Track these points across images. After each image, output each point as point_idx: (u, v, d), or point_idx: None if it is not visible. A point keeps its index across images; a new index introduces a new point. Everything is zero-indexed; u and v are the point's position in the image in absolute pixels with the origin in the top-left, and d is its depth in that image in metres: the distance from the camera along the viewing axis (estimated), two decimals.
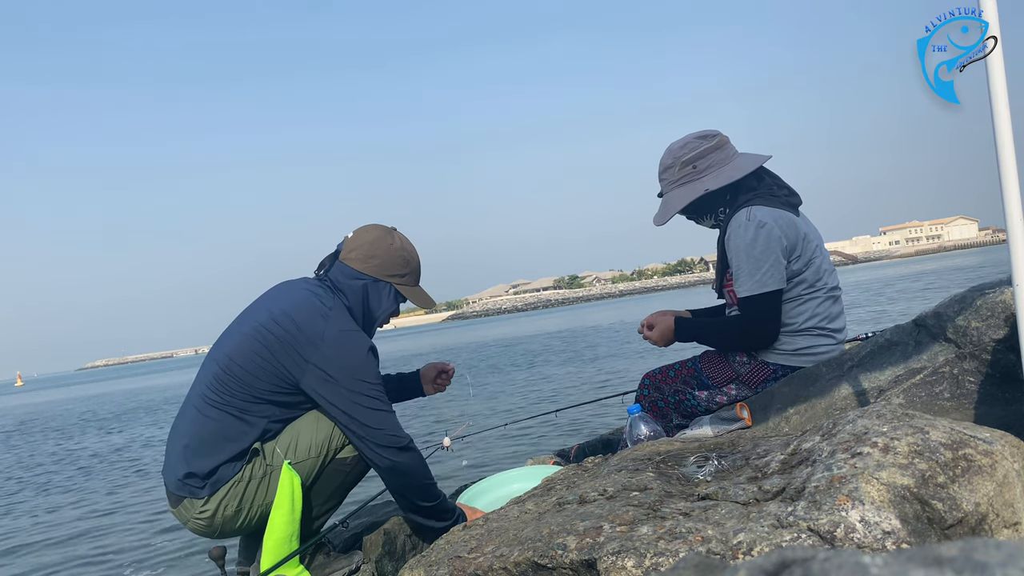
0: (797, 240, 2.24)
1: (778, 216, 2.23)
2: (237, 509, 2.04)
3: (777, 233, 2.20)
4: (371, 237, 2.23)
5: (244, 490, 2.04)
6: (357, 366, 2.04)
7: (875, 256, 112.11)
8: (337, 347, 2.03)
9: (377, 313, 2.24)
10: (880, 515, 1.08)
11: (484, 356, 18.21)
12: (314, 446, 2.08)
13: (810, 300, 2.28)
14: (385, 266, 2.21)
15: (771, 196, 2.30)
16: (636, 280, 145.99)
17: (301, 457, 2.06)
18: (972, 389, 1.79)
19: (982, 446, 1.22)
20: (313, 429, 2.09)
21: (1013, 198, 1.32)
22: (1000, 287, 1.90)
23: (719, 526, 1.17)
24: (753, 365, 2.33)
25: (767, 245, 2.18)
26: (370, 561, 2.21)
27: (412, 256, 2.29)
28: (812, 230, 2.36)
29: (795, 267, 2.26)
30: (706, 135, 2.40)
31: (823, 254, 2.35)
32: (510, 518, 1.55)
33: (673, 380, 2.50)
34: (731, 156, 2.37)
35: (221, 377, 2.06)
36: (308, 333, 2.03)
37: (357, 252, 2.20)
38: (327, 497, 2.17)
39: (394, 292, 2.25)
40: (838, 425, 1.37)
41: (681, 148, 2.39)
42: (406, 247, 2.28)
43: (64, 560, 4.36)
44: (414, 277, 2.31)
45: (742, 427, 2.16)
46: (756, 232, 2.19)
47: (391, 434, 2.05)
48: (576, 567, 1.21)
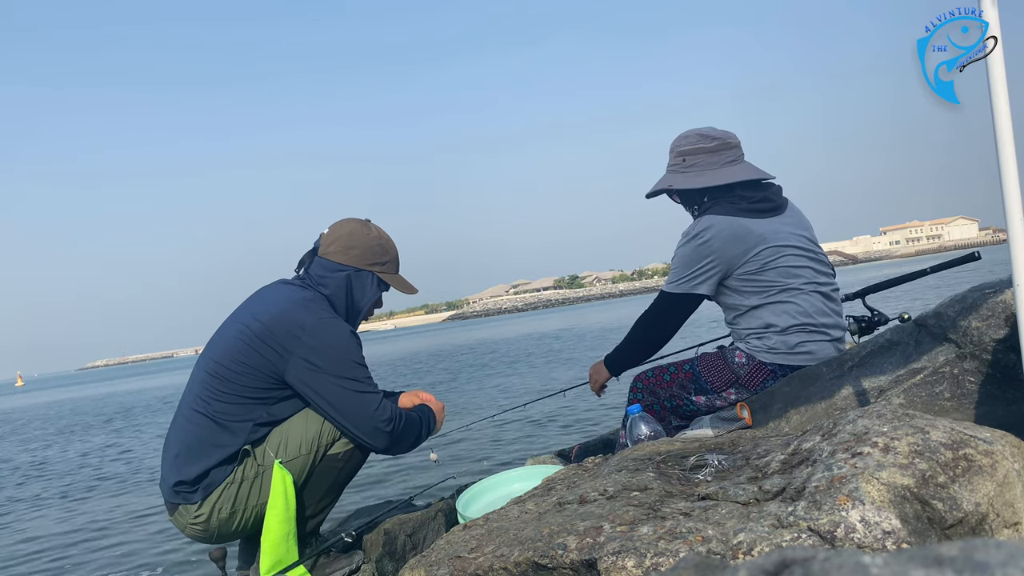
0: (747, 247, 2.28)
1: (725, 225, 2.28)
2: (231, 512, 2.05)
3: (715, 245, 2.28)
4: (347, 229, 2.28)
5: (237, 492, 2.04)
6: (339, 351, 2.07)
7: (875, 256, 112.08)
8: (318, 335, 2.07)
9: (362, 302, 2.28)
10: (880, 515, 1.08)
11: (481, 355, 18.21)
12: (304, 443, 2.08)
13: (786, 301, 2.29)
14: (365, 255, 2.26)
15: (729, 204, 2.33)
16: (636, 280, 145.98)
17: (292, 455, 2.07)
18: (972, 389, 1.79)
19: (982, 446, 1.22)
20: (303, 427, 2.10)
21: (1013, 198, 1.32)
22: (1000, 287, 1.90)
23: (719, 526, 1.17)
24: (752, 366, 2.33)
25: (696, 254, 2.31)
26: (370, 561, 2.21)
27: (390, 244, 2.35)
28: (788, 231, 2.35)
29: (749, 268, 2.29)
30: (709, 135, 2.42)
31: (804, 253, 2.34)
32: (510, 518, 1.55)
33: (669, 384, 2.48)
34: (720, 163, 2.39)
35: (209, 382, 2.08)
36: (288, 325, 2.07)
37: (336, 245, 2.25)
38: (322, 495, 2.17)
39: (376, 280, 2.30)
40: (838, 425, 1.37)
41: (683, 139, 2.46)
42: (383, 236, 2.34)
43: (65, 559, 4.36)
44: (394, 265, 2.36)
45: (742, 427, 2.16)
46: (692, 241, 2.32)
47: (380, 418, 2.08)
48: (576, 567, 1.21)
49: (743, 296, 2.34)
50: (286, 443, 2.08)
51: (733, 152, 2.40)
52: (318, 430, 2.10)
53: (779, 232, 2.33)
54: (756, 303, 2.32)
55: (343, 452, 2.14)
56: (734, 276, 2.32)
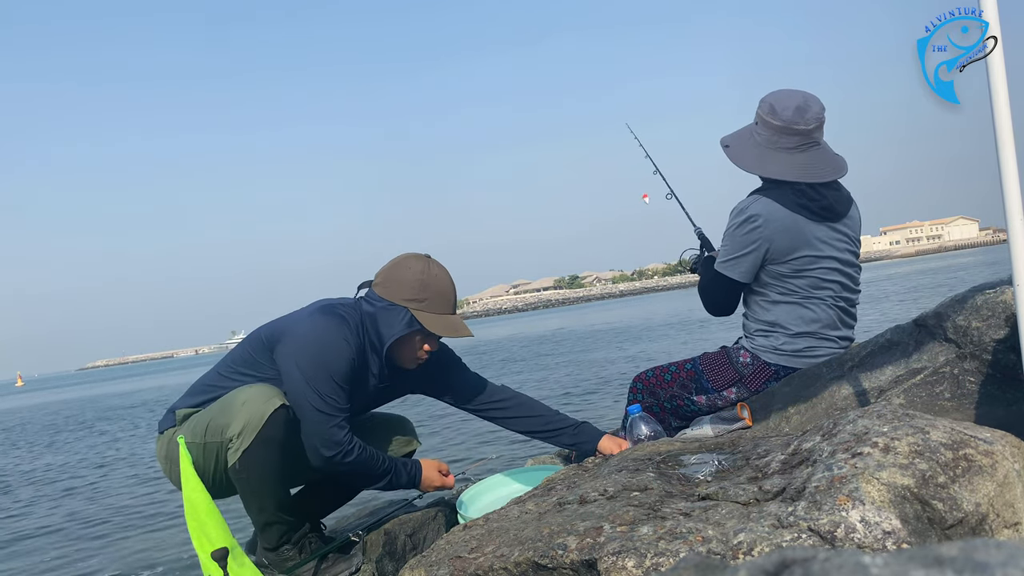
0: (794, 246, 2.23)
1: (781, 216, 2.22)
2: (167, 464, 2.18)
3: (766, 232, 2.23)
4: (396, 262, 2.26)
5: (167, 446, 2.17)
6: (322, 362, 2.06)
7: (875, 256, 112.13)
8: (313, 335, 2.11)
9: (387, 336, 2.16)
10: (880, 515, 1.08)
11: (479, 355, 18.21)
12: (197, 430, 2.09)
13: (804, 307, 2.28)
14: (402, 291, 2.17)
15: (790, 191, 2.24)
16: (636, 280, 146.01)
17: (189, 437, 2.07)
18: (972, 389, 1.79)
19: (983, 446, 1.22)
20: (204, 413, 2.11)
21: (1013, 198, 1.32)
22: (1000, 287, 1.90)
23: (719, 526, 1.17)
24: (757, 366, 2.33)
25: (748, 237, 2.26)
26: (370, 561, 2.21)
27: (435, 283, 2.20)
28: (835, 241, 2.28)
29: (781, 270, 2.27)
30: (778, 113, 2.24)
31: (839, 267, 2.29)
32: (511, 518, 1.55)
33: (669, 384, 2.47)
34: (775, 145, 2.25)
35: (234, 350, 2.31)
36: (291, 326, 2.19)
37: (380, 276, 2.26)
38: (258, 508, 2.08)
39: (408, 317, 2.15)
40: (838, 425, 1.36)
41: (762, 102, 2.30)
42: (429, 273, 2.20)
43: (65, 558, 4.36)
44: (435, 304, 2.19)
45: (743, 427, 2.16)
46: (747, 224, 2.26)
47: (325, 439, 2.04)
48: (576, 567, 1.21)
49: (766, 289, 2.33)
50: (190, 423, 2.13)
51: (795, 139, 2.25)
52: (205, 423, 2.07)
53: (826, 240, 2.26)
54: (775, 299, 2.31)
55: (238, 460, 1.99)
56: (766, 270, 2.30)
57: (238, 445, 1.98)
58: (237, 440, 1.98)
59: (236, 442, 1.98)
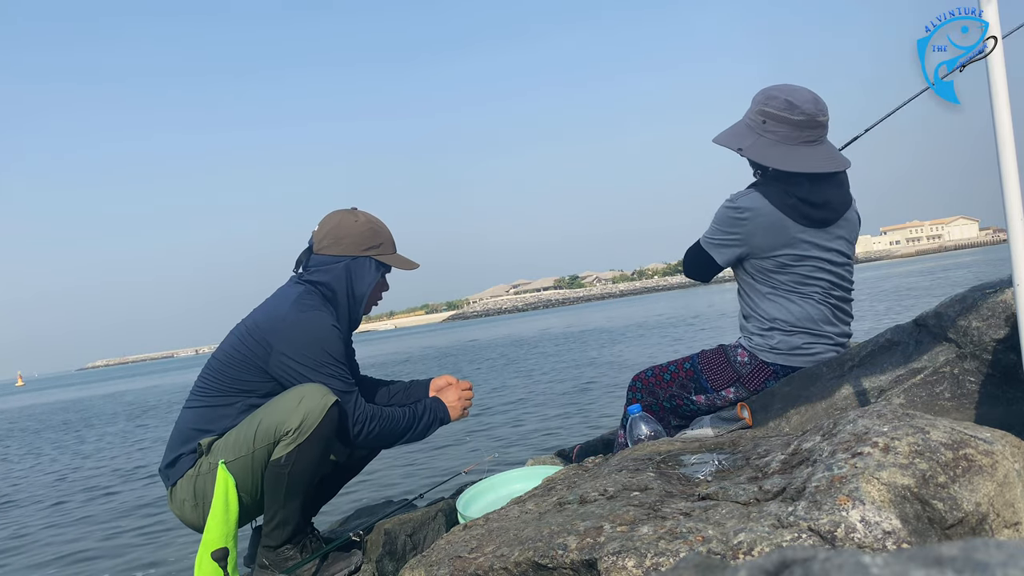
0: (774, 244, 2.24)
1: (767, 214, 2.22)
2: (194, 503, 2.11)
3: (748, 227, 2.25)
4: (335, 221, 2.31)
5: (194, 484, 2.11)
6: (314, 342, 2.09)
7: (875, 256, 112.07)
8: (296, 326, 2.11)
9: (364, 287, 2.30)
10: (881, 515, 1.08)
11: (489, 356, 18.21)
12: (242, 443, 2.07)
13: (793, 302, 2.29)
14: (358, 242, 2.29)
15: (783, 192, 2.22)
16: (637, 280, 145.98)
17: (232, 456, 2.07)
18: (973, 389, 1.79)
19: (983, 446, 1.22)
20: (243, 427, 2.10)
21: (1013, 198, 1.32)
22: (1000, 287, 1.90)
23: (719, 526, 1.17)
24: (755, 365, 2.33)
25: (731, 226, 2.29)
26: (370, 561, 2.21)
27: (380, 227, 2.36)
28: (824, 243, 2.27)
29: (764, 264, 2.29)
30: (798, 107, 2.20)
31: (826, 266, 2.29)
32: (511, 518, 1.55)
33: (668, 384, 2.47)
34: (800, 140, 2.21)
35: (204, 375, 2.21)
36: (273, 320, 2.15)
37: (327, 239, 2.29)
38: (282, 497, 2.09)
39: (375, 263, 2.32)
40: (838, 425, 1.37)
41: (772, 98, 2.25)
42: (371, 220, 2.35)
43: (65, 558, 4.36)
44: (390, 245, 2.37)
45: (742, 427, 2.16)
46: (733, 213, 2.28)
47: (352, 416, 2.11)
48: (577, 567, 1.21)
49: (755, 282, 2.35)
50: (231, 441, 2.09)
51: (816, 132, 2.23)
52: (254, 429, 2.06)
53: (811, 242, 2.25)
54: (765, 292, 2.33)
55: (285, 455, 2.03)
56: (750, 263, 2.33)
57: (293, 438, 2.01)
58: (294, 433, 2.01)
59: (292, 436, 2.01)
